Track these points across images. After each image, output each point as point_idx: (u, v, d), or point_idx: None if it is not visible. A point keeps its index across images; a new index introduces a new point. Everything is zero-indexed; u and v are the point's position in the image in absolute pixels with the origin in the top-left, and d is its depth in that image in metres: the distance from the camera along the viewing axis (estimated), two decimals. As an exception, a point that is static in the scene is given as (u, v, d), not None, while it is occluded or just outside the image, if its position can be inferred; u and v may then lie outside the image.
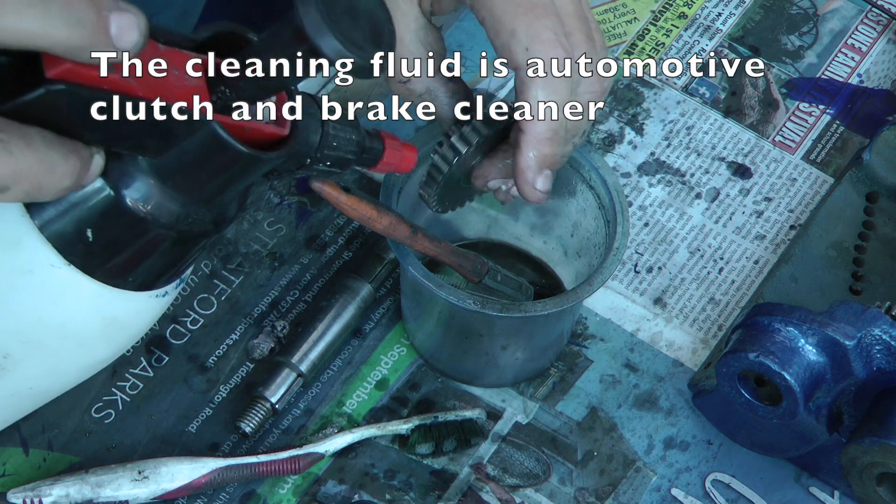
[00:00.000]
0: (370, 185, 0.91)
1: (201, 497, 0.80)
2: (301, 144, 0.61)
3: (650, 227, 0.93)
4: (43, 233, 0.58)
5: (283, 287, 0.88)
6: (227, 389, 0.84)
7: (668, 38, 1.01)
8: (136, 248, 0.59)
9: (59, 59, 0.52)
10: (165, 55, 0.56)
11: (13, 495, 0.77)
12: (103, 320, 0.61)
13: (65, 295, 0.60)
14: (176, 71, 0.56)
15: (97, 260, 0.59)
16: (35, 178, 0.53)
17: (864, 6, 1.04)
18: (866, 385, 0.76)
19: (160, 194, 0.58)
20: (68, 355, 0.63)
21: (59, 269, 0.59)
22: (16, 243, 0.58)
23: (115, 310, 0.61)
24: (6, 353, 0.61)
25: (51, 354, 0.62)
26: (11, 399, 0.65)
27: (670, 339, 0.88)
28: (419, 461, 0.83)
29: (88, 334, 0.62)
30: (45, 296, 0.60)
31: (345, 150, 0.63)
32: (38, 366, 0.63)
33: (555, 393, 0.86)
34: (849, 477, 0.78)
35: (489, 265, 0.79)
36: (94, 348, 0.63)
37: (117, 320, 0.62)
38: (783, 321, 0.76)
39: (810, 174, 0.96)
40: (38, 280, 0.59)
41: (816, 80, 1.00)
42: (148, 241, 0.59)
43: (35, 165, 0.52)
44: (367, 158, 0.66)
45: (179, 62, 0.57)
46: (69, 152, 0.54)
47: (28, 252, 0.58)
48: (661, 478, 0.84)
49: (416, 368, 0.86)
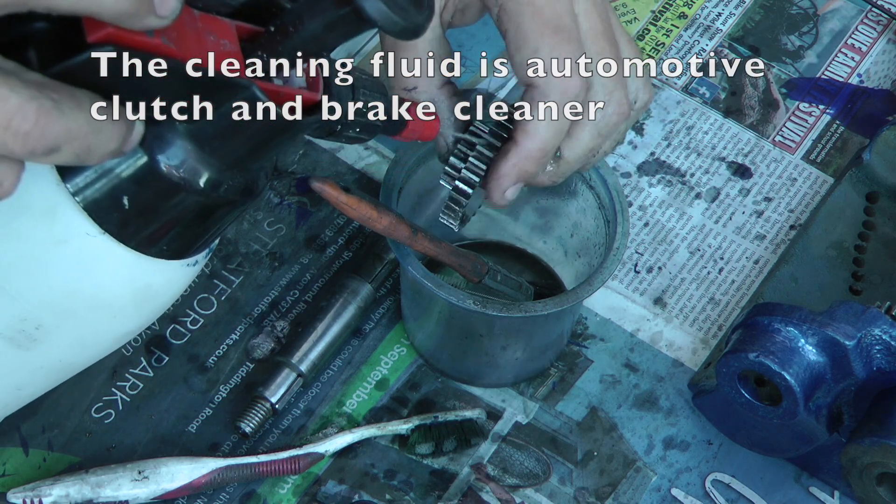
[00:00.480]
0: (370, 185, 0.91)
1: (201, 497, 0.80)
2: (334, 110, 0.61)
3: (650, 227, 0.93)
4: (78, 201, 0.58)
5: (283, 287, 0.88)
6: (227, 389, 0.84)
7: (668, 38, 1.01)
8: (169, 215, 0.59)
9: (100, 23, 0.52)
10: (201, 20, 0.57)
11: (13, 495, 0.77)
12: (136, 289, 0.61)
13: (99, 264, 0.59)
14: (212, 36, 0.56)
15: (132, 228, 0.59)
16: (85, 139, 0.53)
17: (864, 6, 1.04)
18: (866, 385, 0.76)
19: (195, 160, 0.58)
20: (100, 326, 0.63)
21: (94, 237, 0.58)
22: (51, 212, 0.58)
23: (148, 278, 0.61)
24: (38, 325, 0.61)
25: (82, 325, 0.62)
26: (39, 372, 0.65)
27: (670, 339, 0.88)
28: (419, 461, 0.83)
29: (121, 304, 0.62)
30: (80, 265, 0.59)
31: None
32: (69, 337, 0.63)
33: (555, 393, 0.86)
34: (849, 477, 0.78)
35: (489, 265, 0.79)
36: (126, 318, 0.63)
37: (149, 289, 0.62)
38: (783, 321, 0.76)
39: (810, 174, 0.96)
40: (73, 249, 0.59)
41: (816, 80, 1.00)
42: (182, 207, 0.59)
43: (85, 127, 0.53)
44: (394, 126, 0.66)
45: (215, 27, 0.57)
46: (116, 115, 0.54)
47: (63, 221, 0.58)
48: (661, 478, 0.84)
49: (416, 368, 0.86)
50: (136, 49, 0.53)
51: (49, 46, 0.54)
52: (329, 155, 0.93)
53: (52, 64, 0.53)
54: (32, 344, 0.62)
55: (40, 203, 0.58)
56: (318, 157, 0.93)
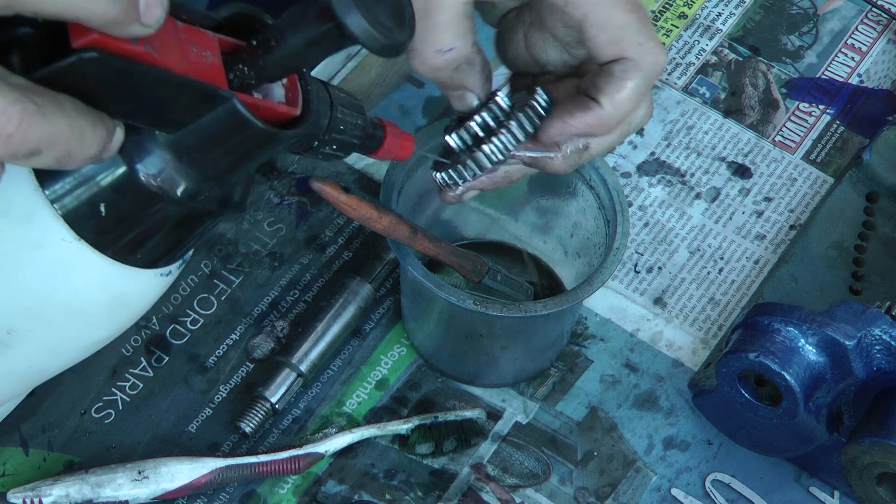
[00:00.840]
0: (370, 185, 0.91)
1: (201, 497, 0.80)
2: (312, 126, 0.61)
3: (650, 227, 0.93)
4: (55, 207, 0.58)
5: (283, 287, 0.88)
6: (227, 389, 0.84)
7: (668, 38, 1.01)
8: (146, 224, 0.60)
9: (85, 29, 0.53)
10: (184, 32, 0.57)
11: (13, 495, 0.77)
12: (110, 297, 0.62)
13: (74, 270, 0.60)
14: (194, 48, 0.57)
15: (108, 235, 0.59)
16: (66, 143, 0.53)
17: (864, 6, 1.04)
18: (866, 385, 0.76)
19: (174, 170, 0.59)
20: (72, 333, 0.63)
21: (69, 243, 0.59)
22: (27, 217, 0.58)
23: (122, 286, 0.61)
24: (10, 329, 0.61)
25: (55, 331, 0.62)
26: (9, 378, 0.65)
27: (670, 339, 0.88)
28: (419, 461, 0.83)
29: (94, 311, 0.62)
30: (55, 271, 0.60)
31: (351, 135, 0.64)
32: (41, 343, 0.63)
33: (555, 393, 0.86)
34: (849, 477, 0.78)
35: (489, 265, 0.79)
36: (98, 326, 0.63)
37: (123, 297, 0.62)
38: (783, 321, 0.76)
39: (810, 174, 0.96)
40: (49, 255, 0.59)
41: (816, 80, 1.00)
42: (158, 216, 0.60)
43: (67, 131, 0.53)
44: (370, 144, 0.66)
45: (197, 39, 0.57)
46: (97, 121, 0.55)
47: (40, 226, 0.58)
48: (661, 478, 0.84)
49: (416, 368, 0.86)
50: (119, 56, 0.54)
51: (32, 52, 0.54)
52: (329, 155, 0.93)
53: (35, 69, 0.53)
54: (4, 348, 0.62)
55: (17, 208, 0.58)
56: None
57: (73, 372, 0.82)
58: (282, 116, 0.60)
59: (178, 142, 0.58)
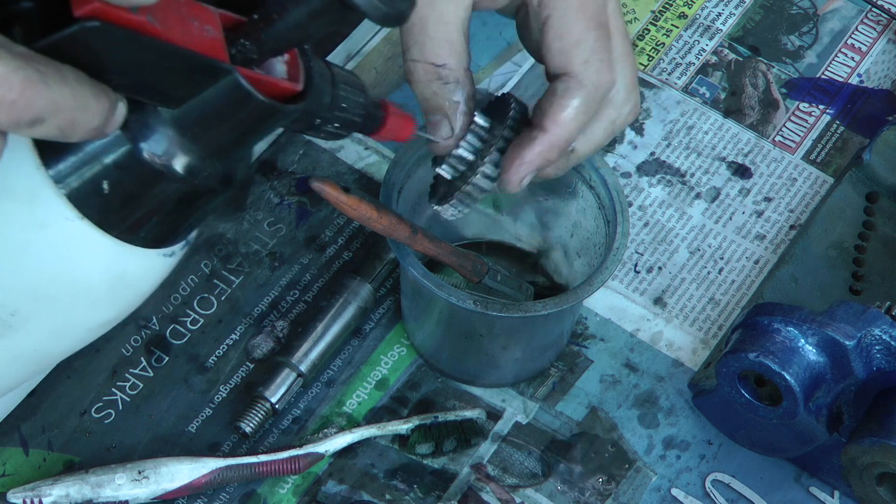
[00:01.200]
0: (370, 185, 0.91)
1: (201, 497, 0.80)
2: (314, 102, 0.61)
3: (650, 227, 0.93)
4: (58, 186, 0.58)
5: (283, 287, 0.88)
6: (227, 389, 0.84)
7: (668, 38, 1.01)
8: (149, 202, 0.59)
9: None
10: (185, 6, 0.57)
11: (13, 495, 0.77)
12: (113, 277, 0.61)
13: (78, 250, 0.59)
14: (196, 22, 0.57)
15: (111, 214, 0.59)
16: (69, 113, 0.53)
17: (864, 6, 1.04)
18: (866, 385, 0.76)
19: (176, 146, 0.58)
20: (76, 314, 0.62)
21: (73, 222, 0.58)
22: (30, 196, 0.58)
23: (126, 266, 0.61)
24: (14, 311, 0.61)
25: (59, 312, 0.62)
26: (14, 362, 0.64)
27: (670, 339, 0.88)
28: (419, 461, 0.83)
29: (98, 291, 0.61)
30: (58, 250, 0.59)
31: (353, 113, 0.64)
32: (45, 325, 0.62)
33: (555, 393, 0.86)
34: (849, 477, 0.78)
35: (489, 265, 0.79)
36: (102, 307, 0.63)
37: (126, 277, 0.62)
38: (783, 321, 0.76)
39: (810, 174, 0.96)
40: (52, 234, 0.58)
41: (816, 80, 1.00)
42: (162, 194, 0.59)
43: (70, 100, 0.53)
44: (371, 124, 0.66)
45: (199, 13, 0.57)
46: (100, 92, 0.54)
47: (43, 206, 0.58)
48: (661, 478, 0.84)
49: (416, 368, 0.86)
50: (121, 25, 0.54)
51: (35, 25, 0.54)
52: (329, 155, 0.93)
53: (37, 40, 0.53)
54: (8, 331, 0.61)
55: (20, 187, 0.58)
56: (318, 157, 0.93)
57: (73, 372, 0.83)
58: (284, 92, 0.60)
59: (180, 117, 0.58)
